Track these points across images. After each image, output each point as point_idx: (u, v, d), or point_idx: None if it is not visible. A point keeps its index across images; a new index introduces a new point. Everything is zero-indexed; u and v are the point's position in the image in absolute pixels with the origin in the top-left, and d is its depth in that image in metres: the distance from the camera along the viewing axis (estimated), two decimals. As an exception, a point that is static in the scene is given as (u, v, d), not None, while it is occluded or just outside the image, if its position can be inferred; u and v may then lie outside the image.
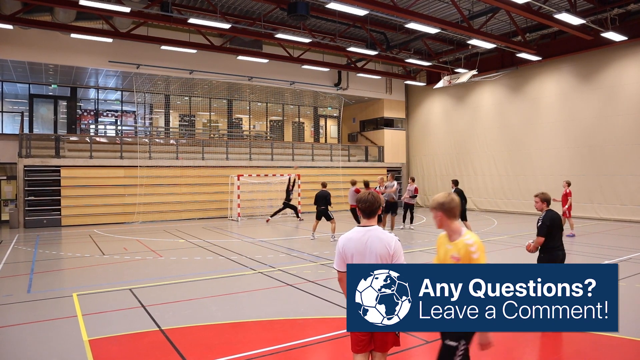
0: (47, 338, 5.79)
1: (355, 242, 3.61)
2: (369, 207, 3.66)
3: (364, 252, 3.56)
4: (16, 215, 18.42)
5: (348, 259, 3.61)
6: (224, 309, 6.99)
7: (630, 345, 5.42)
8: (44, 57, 18.60)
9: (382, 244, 3.54)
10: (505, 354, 5.25)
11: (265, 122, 29.54)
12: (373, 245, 3.55)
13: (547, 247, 6.11)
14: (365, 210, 3.68)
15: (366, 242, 3.57)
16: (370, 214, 3.69)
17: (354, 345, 3.72)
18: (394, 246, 3.54)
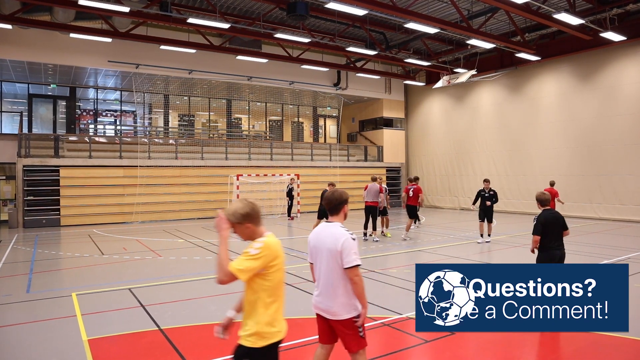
0: (47, 338, 5.78)
1: (316, 237, 3.73)
2: (329, 204, 3.72)
3: (320, 246, 3.65)
4: (15, 215, 18.39)
5: (312, 254, 3.76)
6: (223, 308, 6.96)
7: (630, 344, 5.42)
8: (43, 56, 18.58)
9: (333, 239, 3.57)
10: (505, 353, 5.25)
11: (265, 122, 29.54)
12: (326, 240, 3.61)
13: (544, 246, 6.22)
14: (327, 207, 3.74)
15: (322, 237, 3.66)
16: (332, 211, 3.73)
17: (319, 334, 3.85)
18: (342, 243, 3.52)
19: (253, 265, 2.97)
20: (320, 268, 3.66)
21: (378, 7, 14.78)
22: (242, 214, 3.09)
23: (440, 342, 5.48)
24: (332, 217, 3.75)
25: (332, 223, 3.70)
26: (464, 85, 25.18)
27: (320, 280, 3.68)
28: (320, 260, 3.66)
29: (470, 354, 5.20)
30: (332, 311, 3.62)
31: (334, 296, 3.59)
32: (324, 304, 3.65)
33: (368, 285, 8.25)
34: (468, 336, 5.72)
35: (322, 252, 3.63)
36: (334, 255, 3.55)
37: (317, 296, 3.71)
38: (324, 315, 3.69)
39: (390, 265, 10.15)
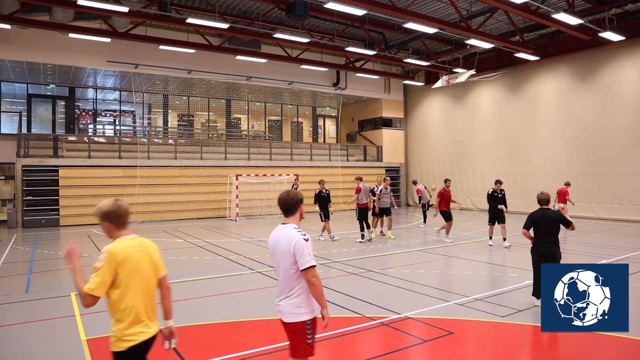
0: (45, 338, 5.78)
1: (272, 240, 3.65)
2: (285, 204, 3.65)
3: (276, 249, 3.58)
4: (14, 215, 18.38)
5: (270, 255, 3.67)
6: (222, 308, 6.99)
7: (629, 344, 5.43)
8: (42, 56, 18.57)
9: (286, 241, 3.51)
10: (504, 353, 5.25)
11: (264, 122, 29.53)
12: (281, 242, 3.55)
13: (534, 243, 6.81)
14: (282, 208, 3.68)
15: (277, 240, 3.59)
16: (287, 212, 3.66)
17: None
18: (295, 245, 3.46)
19: (102, 280, 2.93)
20: (278, 271, 3.59)
21: (377, 7, 14.78)
22: (103, 211, 3.09)
23: (438, 342, 5.49)
24: (287, 219, 3.67)
25: (286, 225, 3.61)
26: (463, 85, 25.19)
27: (278, 282, 3.61)
28: (277, 263, 3.59)
29: (469, 354, 5.20)
30: (285, 312, 3.55)
31: (288, 298, 3.53)
32: (280, 305, 3.58)
33: (366, 285, 8.29)
34: (466, 336, 5.73)
35: (278, 254, 3.56)
36: (288, 257, 3.49)
37: (278, 297, 3.61)
38: (281, 317, 3.60)
39: (388, 265, 10.15)
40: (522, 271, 9.22)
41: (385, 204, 14.32)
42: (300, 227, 3.63)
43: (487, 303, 7.05)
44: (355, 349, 5.43)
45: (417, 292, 7.82)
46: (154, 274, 3.21)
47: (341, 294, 7.64)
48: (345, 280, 8.84)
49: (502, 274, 9.17)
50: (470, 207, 25.44)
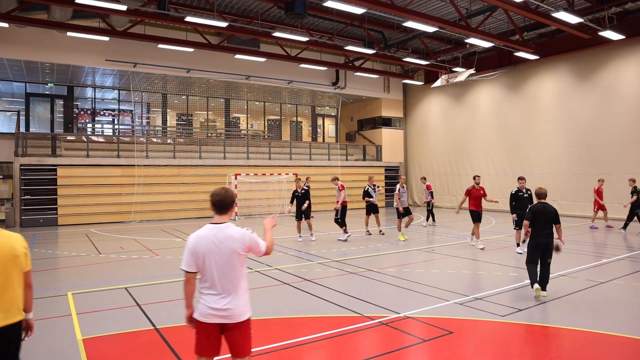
0: (41, 337, 5.72)
1: (208, 240, 3.47)
2: (221, 201, 3.55)
3: (215, 249, 3.44)
4: (12, 215, 18.31)
5: (199, 257, 3.45)
6: (220, 307, 6.93)
7: (629, 343, 5.39)
8: (40, 55, 18.51)
9: (236, 239, 3.46)
10: (504, 352, 5.20)
11: (263, 121, 29.48)
12: (226, 241, 3.45)
13: (532, 234, 7.29)
14: (217, 205, 3.55)
15: (221, 240, 3.45)
16: (224, 209, 3.56)
17: (197, 348, 3.53)
18: (249, 238, 3.51)
19: None
20: (216, 271, 3.44)
21: (376, 5, 14.73)
22: None
23: (438, 341, 5.43)
24: (222, 217, 3.57)
25: (225, 224, 3.54)
26: (462, 85, 25.15)
27: (218, 283, 3.45)
28: (215, 264, 3.44)
29: (469, 353, 5.15)
30: (237, 313, 3.46)
31: (237, 297, 3.47)
32: (228, 308, 3.45)
33: (365, 284, 8.24)
34: (466, 335, 5.68)
35: (218, 254, 3.44)
36: (238, 254, 3.46)
37: (218, 300, 3.44)
38: (224, 321, 3.46)
39: (387, 265, 10.10)
40: (521, 270, 9.17)
41: (404, 203, 14.04)
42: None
43: (487, 302, 7.00)
44: (355, 348, 5.38)
45: (417, 291, 7.77)
46: (15, 267, 3.20)
47: (340, 293, 7.59)
48: (345, 279, 8.79)
49: (501, 273, 9.12)
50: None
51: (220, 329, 3.49)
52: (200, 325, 3.49)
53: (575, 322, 6.14)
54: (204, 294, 3.49)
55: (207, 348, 3.50)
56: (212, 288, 3.46)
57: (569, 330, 5.80)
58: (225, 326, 3.48)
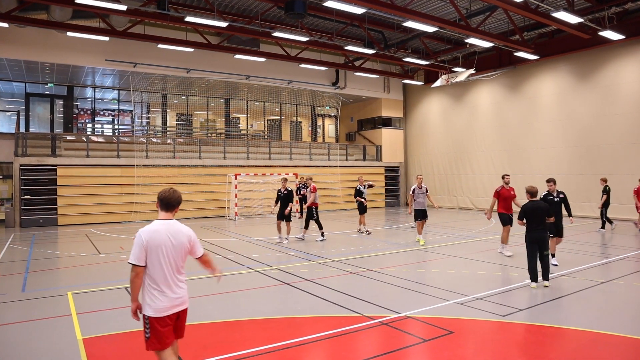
0: (41, 337, 5.72)
1: (162, 235, 3.72)
2: (168, 199, 3.84)
3: (167, 243, 3.72)
4: (12, 215, 18.30)
5: (153, 251, 3.67)
6: (220, 307, 6.93)
7: (629, 343, 5.39)
8: (40, 55, 18.50)
9: (184, 234, 3.83)
10: (504, 352, 5.20)
11: (263, 121, 29.47)
12: (177, 236, 3.78)
13: (528, 229, 7.87)
14: (163, 202, 3.84)
15: (171, 234, 3.76)
16: (167, 207, 3.85)
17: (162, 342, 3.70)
18: (193, 236, 3.91)
19: None
20: (167, 265, 3.71)
21: (376, 5, 14.72)
22: None
23: (439, 341, 5.43)
24: (168, 214, 3.85)
25: (172, 220, 3.86)
26: (462, 85, 25.15)
27: (173, 276, 3.74)
28: (167, 258, 3.71)
29: (469, 353, 5.15)
30: (186, 299, 3.86)
31: (183, 285, 3.85)
32: (180, 299, 3.78)
33: (366, 284, 8.23)
34: (467, 335, 5.68)
35: (170, 249, 3.72)
36: (184, 250, 3.82)
37: (174, 293, 3.72)
38: (180, 309, 3.80)
39: (387, 265, 10.10)
40: (522, 270, 9.17)
41: (421, 205, 12.89)
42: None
43: (488, 302, 7.00)
44: (355, 348, 5.37)
45: (417, 291, 7.77)
46: None
47: (340, 293, 7.59)
48: (345, 279, 8.78)
49: (502, 273, 9.12)
50: (470, 206, 25.41)
51: (176, 317, 3.80)
52: (159, 320, 3.66)
53: (576, 322, 6.14)
54: (158, 289, 3.68)
55: (169, 339, 3.76)
56: (166, 280, 3.71)
57: (570, 330, 5.80)
58: (179, 313, 3.81)
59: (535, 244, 7.78)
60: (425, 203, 13.00)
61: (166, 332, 3.70)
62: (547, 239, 7.86)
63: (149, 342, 3.70)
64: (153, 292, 3.67)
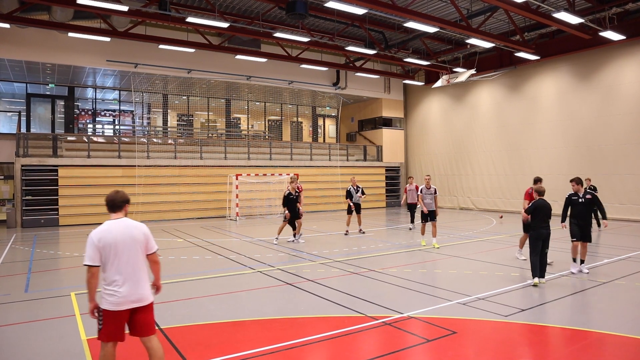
0: (45, 337, 5.74)
1: (114, 233, 3.89)
2: (111, 201, 4.03)
3: (120, 241, 3.87)
4: (13, 215, 18.33)
5: (106, 250, 3.82)
6: (223, 308, 6.95)
7: (631, 343, 5.40)
8: (41, 56, 18.52)
9: (138, 230, 3.99)
10: (507, 352, 5.21)
11: (264, 121, 29.49)
12: (130, 232, 3.94)
13: (534, 226, 8.13)
14: (108, 204, 4.03)
15: (123, 232, 3.92)
16: (113, 208, 4.04)
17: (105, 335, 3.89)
18: (145, 232, 4.05)
19: None
20: (122, 261, 3.86)
21: (377, 6, 14.74)
22: None
23: (442, 341, 5.45)
24: (117, 214, 4.03)
25: (123, 219, 4.01)
26: (463, 85, 25.17)
27: (128, 273, 3.87)
28: (121, 254, 3.86)
29: (472, 353, 5.16)
30: (144, 297, 3.94)
31: (142, 283, 3.94)
32: (136, 295, 3.89)
33: (368, 284, 8.25)
34: (470, 335, 5.69)
35: (123, 245, 3.86)
36: (139, 244, 3.95)
37: (126, 289, 3.84)
38: (134, 305, 3.89)
39: (390, 265, 10.12)
40: (524, 271, 9.19)
41: (428, 206, 12.55)
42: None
43: (490, 302, 7.01)
44: (358, 348, 5.39)
45: (420, 291, 7.79)
46: None
47: (343, 294, 7.60)
48: (347, 279, 8.80)
49: (503, 273, 9.13)
50: (470, 206, 25.44)
51: (130, 314, 3.91)
52: (112, 314, 3.84)
53: (578, 322, 6.16)
54: (113, 284, 3.84)
55: (116, 334, 3.90)
56: (122, 277, 3.85)
57: (572, 330, 5.82)
58: (135, 310, 3.92)
59: (540, 240, 8.01)
60: (433, 204, 12.62)
61: (117, 326, 3.86)
62: (549, 237, 8.13)
63: (100, 333, 3.90)
64: (109, 288, 3.84)
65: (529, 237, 8.28)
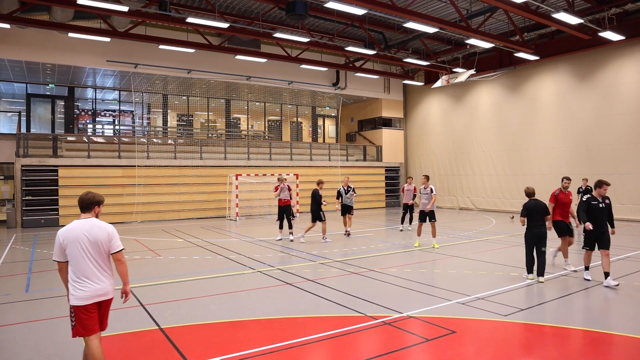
0: (46, 337, 5.76)
1: (77, 232, 4.15)
2: (81, 202, 4.37)
3: (83, 239, 4.12)
4: (14, 215, 18.34)
5: (70, 247, 4.11)
6: (223, 307, 6.97)
7: (630, 342, 5.43)
8: (41, 56, 18.54)
9: (101, 230, 4.20)
10: (506, 352, 5.24)
11: (264, 121, 29.51)
12: (93, 232, 4.17)
13: (528, 226, 8.40)
14: (79, 205, 4.36)
15: (86, 231, 4.15)
16: (83, 209, 4.34)
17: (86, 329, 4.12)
18: (110, 232, 4.25)
19: None
20: (85, 259, 4.11)
21: (377, 6, 14.76)
22: None
23: (441, 341, 5.47)
24: (86, 214, 4.32)
25: (89, 219, 4.27)
26: (462, 85, 25.19)
27: (91, 269, 4.13)
28: (83, 252, 4.11)
29: (472, 353, 5.18)
30: (109, 291, 4.24)
31: (105, 278, 4.20)
32: (102, 290, 4.16)
33: (368, 284, 8.28)
34: (469, 335, 5.72)
35: (85, 244, 4.11)
36: (102, 243, 4.17)
37: (88, 285, 4.10)
38: (101, 299, 4.18)
39: (389, 265, 10.14)
40: (524, 270, 9.21)
41: (423, 205, 12.56)
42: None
43: (489, 302, 7.04)
44: (358, 348, 5.41)
45: (419, 291, 7.81)
46: None
47: (342, 293, 7.63)
48: (347, 279, 8.83)
49: (503, 273, 9.16)
50: (470, 206, 25.46)
51: (98, 307, 4.19)
52: (79, 309, 4.08)
53: (577, 321, 6.18)
54: (78, 280, 4.10)
55: (94, 325, 4.17)
56: (86, 272, 4.12)
57: (571, 330, 5.84)
58: (101, 304, 4.22)
59: (534, 239, 8.31)
60: (429, 205, 12.51)
61: (89, 319, 4.12)
62: (545, 235, 8.36)
63: (74, 330, 4.12)
64: (75, 284, 4.10)
65: (524, 236, 8.51)
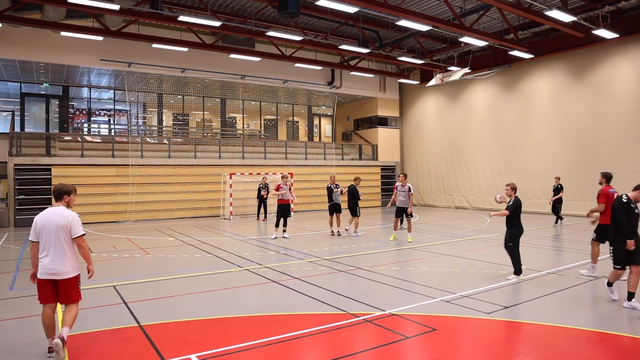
0: (23, 335, 5.72)
1: (45, 219, 4.96)
2: (54, 191, 5.15)
3: (49, 224, 4.93)
4: (6, 214, 18.31)
5: (38, 230, 4.95)
6: (206, 305, 6.93)
7: (629, 342, 5.39)
8: (34, 55, 18.50)
9: (62, 217, 4.95)
10: (487, 349, 5.20)
11: (259, 120, 29.47)
12: (56, 218, 4.94)
13: (516, 224, 8.26)
14: (53, 194, 5.20)
15: (51, 217, 4.95)
16: (55, 198, 5.15)
17: (40, 299, 4.98)
18: (70, 219, 4.97)
19: None
20: (49, 240, 4.90)
21: (369, 4, 14.71)
22: None
23: (420, 338, 5.44)
24: (57, 203, 5.13)
25: (58, 207, 5.06)
26: (458, 84, 25.16)
27: (50, 251, 4.90)
28: (48, 235, 4.90)
29: (450, 350, 5.15)
30: (63, 272, 4.92)
31: (64, 260, 4.93)
32: (54, 269, 4.89)
33: (354, 282, 8.24)
34: (449, 332, 5.68)
35: (51, 228, 4.90)
36: (64, 229, 4.93)
37: (49, 263, 4.89)
38: (53, 277, 4.91)
39: (378, 263, 10.10)
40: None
41: (401, 202, 13.16)
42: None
43: (474, 300, 7.00)
44: (336, 345, 5.37)
45: (405, 289, 7.77)
46: None
47: (328, 291, 7.59)
48: (333, 277, 8.79)
49: (491, 271, 9.12)
50: (465, 205, 25.43)
51: (53, 283, 4.94)
52: (39, 281, 4.96)
53: (561, 319, 6.14)
54: (40, 258, 4.94)
55: (47, 297, 4.97)
56: (45, 253, 4.92)
57: (553, 327, 5.80)
58: (56, 282, 4.94)
59: (520, 236, 8.39)
60: (407, 202, 13.13)
61: (44, 291, 4.95)
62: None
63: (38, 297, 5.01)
64: (39, 261, 4.94)
65: (512, 235, 8.27)
